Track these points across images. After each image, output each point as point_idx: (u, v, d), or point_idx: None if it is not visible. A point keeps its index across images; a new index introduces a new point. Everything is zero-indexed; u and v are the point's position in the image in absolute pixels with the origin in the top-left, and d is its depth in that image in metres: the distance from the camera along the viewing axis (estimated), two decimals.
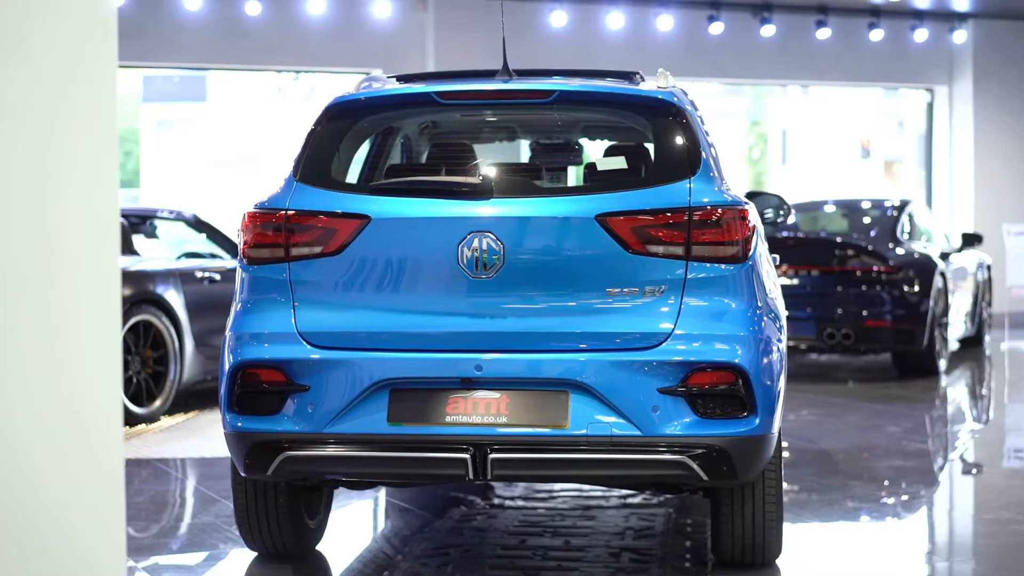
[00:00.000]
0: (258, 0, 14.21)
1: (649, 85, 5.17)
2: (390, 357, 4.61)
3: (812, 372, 12.63)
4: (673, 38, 16.16)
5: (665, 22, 15.93)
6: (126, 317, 8.92)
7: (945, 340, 12.23)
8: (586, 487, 6.65)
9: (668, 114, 4.89)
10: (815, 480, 7.14)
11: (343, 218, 4.70)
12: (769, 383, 4.71)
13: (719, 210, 4.66)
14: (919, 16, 17.14)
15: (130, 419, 8.92)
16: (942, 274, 12.10)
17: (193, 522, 6.23)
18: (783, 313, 5.10)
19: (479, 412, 4.56)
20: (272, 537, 5.23)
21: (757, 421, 4.61)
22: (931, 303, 11.73)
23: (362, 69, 14.25)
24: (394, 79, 5.39)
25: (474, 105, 5.24)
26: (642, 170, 4.96)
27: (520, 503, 6.46)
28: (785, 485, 7.01)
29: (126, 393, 8.95)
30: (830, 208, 14.20)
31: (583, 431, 4.53)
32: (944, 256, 12.70)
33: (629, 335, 4.57)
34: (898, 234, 12.33)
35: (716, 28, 16.12)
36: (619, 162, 4.89)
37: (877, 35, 16.95)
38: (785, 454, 7.92)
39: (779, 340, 4.85)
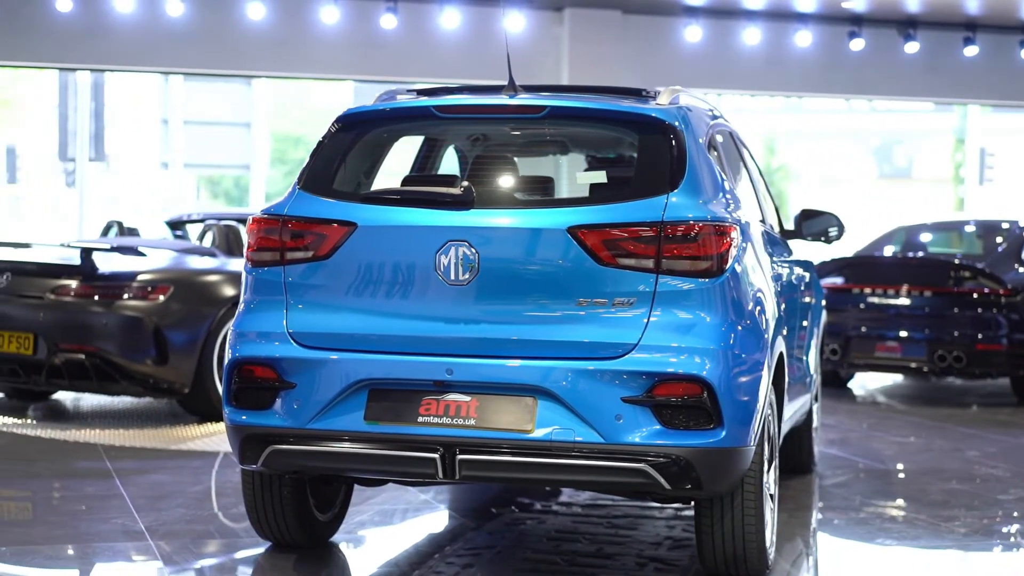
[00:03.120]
0: (393, 14, 14.59)
1: (656, 102, 5.27)
2: (369, 358, 4.82)
3: (936, 395, 12.45)
4: (812, 54, 16.02)
5: (804, 38, 15.82)
6: (228, 317, 9.31)
7: None
8: None
9: (654, 130, 4.99)
10: (860, 499, 7.11)
11: (332, 225, 4.93)
12: (743, 397, 4.77)
13: (695, 225, 4.74)
14: None
15: None
16: None
17: (233, 512, 6.50)
18: (769, 330, 5.13)
19: (449, 414, 4.74)
20: (279, 527, 5.47)
21: (724, 433, 4.68)
22: None
23: (497, 82, 14.46)
24: (414, 93, 5.60)
25: (470, 119, 5.43)
26: (624, 184, 5.07)
27: (576, 509, 6.57)
28: (824, 502, 7.01)
29: None
30: (969, 228, 13.94)
31: (547, 436, 4.67)
32: None
33: (596, 345, 4.69)
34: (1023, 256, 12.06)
35: (857, 44, 15.92)
36: (600, 176, 5.02)
37: None
38: (845, 474, 7.89)
39: (757, 354, 4.90)
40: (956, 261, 11.88)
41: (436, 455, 4.71)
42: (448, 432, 4.72)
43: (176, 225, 11.83)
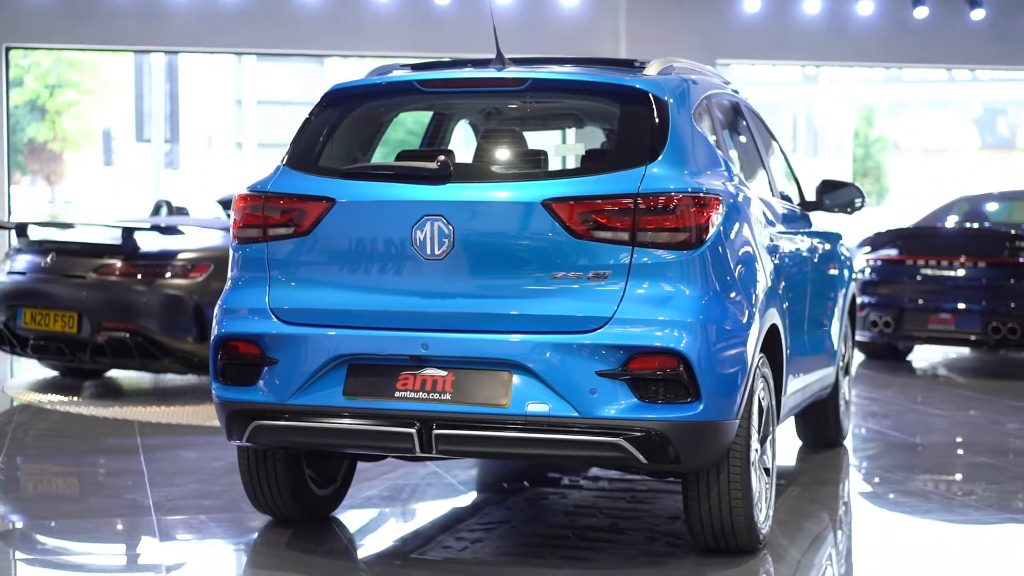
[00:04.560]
0: None
1: (643, 73, 5.22)
2: (348, 334, 4.84)
3: (998, 368, 12.25)
4: (874, 22, 15.77)
5: (865, 6, 15.57)
6: None
7: None
8: None
9: (635, 102, 4.94)
10: (880, 473, 7.02)
11: (312, 200, 4.95)
12: (724, 370, 4.72)
13: (673, 197, 4.69)
14: None
15: None
16: None
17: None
18: (757, 302, 5.05)
19: (426, 389, 4.74)
20: (275, 502, 5.51)
21: (702, 407, 4.64)
22: None
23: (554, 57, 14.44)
24: (408, 68, 5.59)
25: (453, 93, 5.41)
26: (604, 156, 5.03)
27: (602, 483, 6.54)
28: (842, 476, 6.94)
29: None
30: None
31: (522, 411, 4.66)
32: None
33: (571, 318, 4.66)
34: None
35: (921, 12, 15.64)
36: (578, 148, 4.97)
37: None
38: (874, 448, 7.79)
39: (741, 327, 4.84)
40: (1013, 232, 11.64)
41: (413, 430, 4.72)
42: (424, 407, 4.73)
43: (227, 204, 11.94)
